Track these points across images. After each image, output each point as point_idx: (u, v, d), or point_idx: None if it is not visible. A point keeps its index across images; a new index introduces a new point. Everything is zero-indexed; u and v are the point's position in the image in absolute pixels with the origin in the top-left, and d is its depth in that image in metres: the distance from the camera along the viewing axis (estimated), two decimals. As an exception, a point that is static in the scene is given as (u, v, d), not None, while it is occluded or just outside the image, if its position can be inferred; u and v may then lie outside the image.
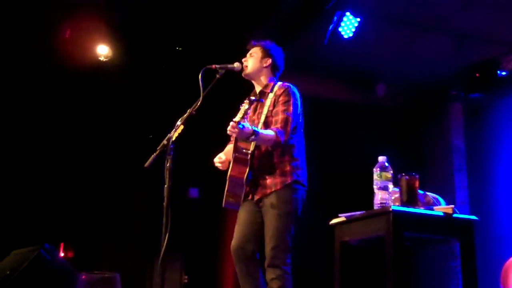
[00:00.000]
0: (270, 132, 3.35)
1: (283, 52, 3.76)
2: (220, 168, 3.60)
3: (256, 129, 3.26)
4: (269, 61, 3.65)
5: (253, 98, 3.30)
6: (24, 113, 6.89)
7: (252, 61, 3.65)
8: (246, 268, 3.41)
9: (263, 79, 3.66)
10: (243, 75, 3.65)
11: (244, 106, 3.21)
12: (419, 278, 6.20)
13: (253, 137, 3.23)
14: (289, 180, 3.41)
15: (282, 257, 3.29)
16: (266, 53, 3.66)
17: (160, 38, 6.19)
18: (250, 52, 3.69)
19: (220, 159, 3.60)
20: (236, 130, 3.15)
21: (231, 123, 3.16)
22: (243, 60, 3.65)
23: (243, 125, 3.16)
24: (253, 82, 3.72)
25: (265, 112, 3.51)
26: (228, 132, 3.21)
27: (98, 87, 6.84)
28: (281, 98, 3.50)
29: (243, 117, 3.17)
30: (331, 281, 3.07)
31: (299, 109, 3.56)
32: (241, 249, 3.42)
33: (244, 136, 3.23)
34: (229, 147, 3.66)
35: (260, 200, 3.46)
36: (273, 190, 3.41)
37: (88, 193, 7.14)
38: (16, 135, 6.88)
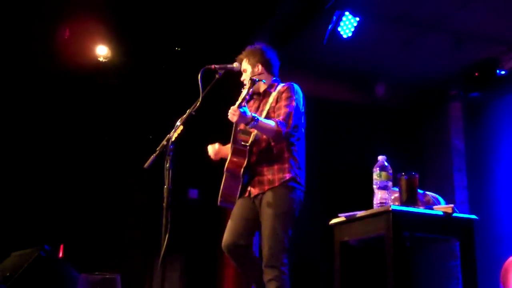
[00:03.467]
0: (270, 122, 3.34)
1: (269, 48, 3.74)
2: (211, 155, 3.63)
3: (255, 115, 3.25)
4: (259, 66, 3.65)
5: (255, 78, 3.27)
6: (23, 114, 6.88)
7: (247, 76, 3.66)
8: (242, 260, 3.43)
9: (266, 82, 3.66)
10: None
11: (245, 88, 3.21)
12: (419, 277, 6.20)
13: (253, 122, 3.22)
14: (287, 176, 3.39)
15: (279, 257, 3.27)
16: (253, 61, 3.65)
17: (159, 38, 6.19)
18: (242, 67, 3.69)
19: (214, 148, 3.62)
20: (237, 113, 3.14)
21: (232, 107, 3.17)
22: (242, 78, 3.67)
23: (244, 110, 3.16)
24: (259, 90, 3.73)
25: (267, 108, 3.51)
26: (228, 116, 3.22)
27: (97, 88, 6.83)
28: (283, 95, 3.51)
29: (243, 100, 3.17)
30: (331, 281, 3.06)
31: (302, 108, 3.56)
32: (233, 244, 3.41)
33: (244, 121, 3.22)
34: (228, 147, 3.66)
35: (256, 196, 3.44)
36: (270, 187, 3.39)
37: (87, 193, 7.13)
38: (16, 137, 6.87)
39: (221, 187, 3.46)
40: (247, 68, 3.66)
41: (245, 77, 3.67)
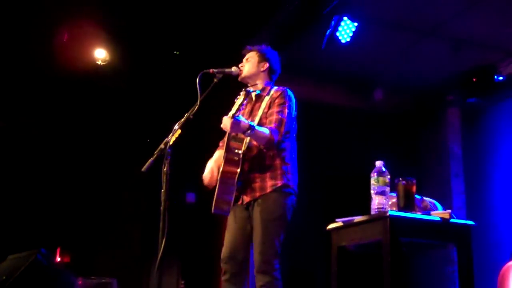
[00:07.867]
0: (265, 130, 3.31)
1: (279, 56, 3.76)
2: (206, 184, 3.55)
3: (252, 123, 3.23)
4: (266, 65, 3.65)
5: (249, 89, 3.25)
6: (22, 117, 6.88)
7: (249, 65, 3.64)
8: (234, 277, 3.37)
9: (260, 83, 3.63)
10: (239, 79, 3.63)
11: (239, 98, 3.18)
12: (416, 283, 6.19)
13: (249, 131, 3.20)
14: (279, 183, 3.37)
15: (271, 262, 3.24)
16: (263, 57, 3.65)
17: (157, 42, 6.20)
18: (246, 57, 3.68)
19: (211, 173, 3.54)
20: (230, 122, 3.12)
21: (225, 117, 3.15)
22: (239, 65, 3.64)
23: (239, 118, 3.13)
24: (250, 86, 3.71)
25: (259, 114, 3.47)
26: (222, 126, 3.21)
27: (96, 91, 6.83)
28: (276, 101, 3.48)
29: (238, 110, 3.15)
30: (328, 286, 3.06)
31: (294, 114, 3.54)
32: (232, 258, 3.38)
33: (240, 130, 3.20)
34: (218, 154, 3.64)
35: (249, 203, 3.42)
36: (262, 193, 3.37)
37: (85, 197, 7.12)
38: (13, 139, 6.86)
39: (215, 195, 3.42)
40: (253, 58, 3.64)
41: (245, 65, 3.62)
